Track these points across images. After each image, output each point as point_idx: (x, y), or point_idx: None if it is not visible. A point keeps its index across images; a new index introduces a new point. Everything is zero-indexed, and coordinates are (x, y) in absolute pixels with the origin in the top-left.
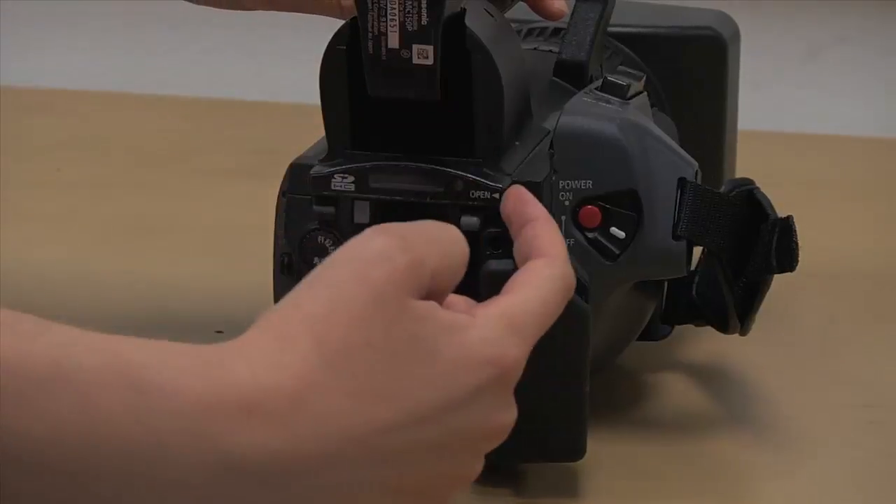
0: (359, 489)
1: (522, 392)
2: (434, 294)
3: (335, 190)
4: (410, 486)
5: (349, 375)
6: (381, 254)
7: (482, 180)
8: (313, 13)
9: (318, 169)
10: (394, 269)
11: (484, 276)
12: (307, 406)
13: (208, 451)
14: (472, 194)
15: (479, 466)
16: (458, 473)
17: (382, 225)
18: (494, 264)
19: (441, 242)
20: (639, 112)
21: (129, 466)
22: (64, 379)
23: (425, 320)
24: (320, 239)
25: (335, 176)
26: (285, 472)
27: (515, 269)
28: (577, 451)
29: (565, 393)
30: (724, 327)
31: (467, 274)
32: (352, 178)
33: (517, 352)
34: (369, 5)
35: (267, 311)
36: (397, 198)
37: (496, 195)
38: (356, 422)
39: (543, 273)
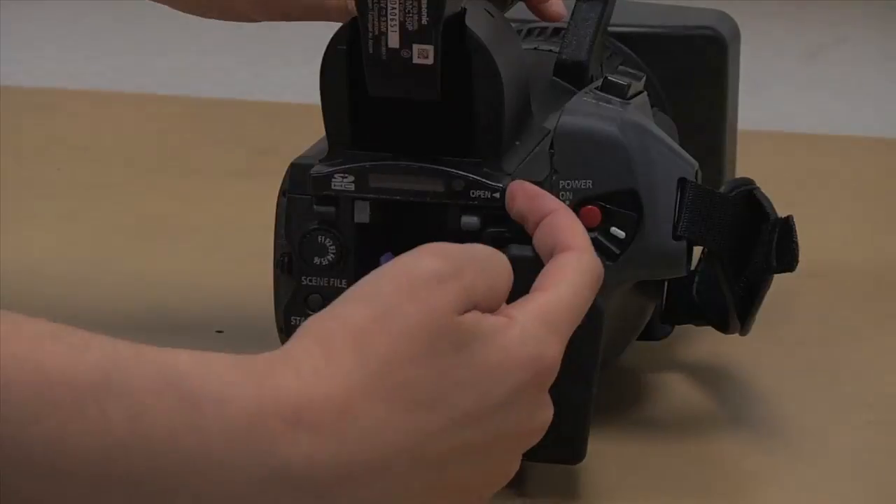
0: (408, 494)
1: None
2: None
3: (335, 190)
4: (453, 487)
5: (394, 387)
6: (434, 275)
7: (482, 180)
8: (324, 20)
9: (318, 169)
10: (445, 293)
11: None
12: (354, 417)
13: (259, 461)
14: (472, 194)
15: (517, 464)
16: (498, 472)
17: (434, 245)
18: (516, 249)
19: (490, 269)
20: (639, 112)
21: (183, 477)
22: (116, 391)
23: (469, 330)
24: (320, 239)
25: (335, 176)
26: (334, 483)
27: (535, 255)
28: (577, 455)
29: (570, 396)
30: (724, 327)
31: None
32: (351, 178)
33: (554, 350)
34: (369, 5)
35: (309, 321)
36: (397, 198)
37: (496, 195)
38: (402, 432)
39: (574, 267)
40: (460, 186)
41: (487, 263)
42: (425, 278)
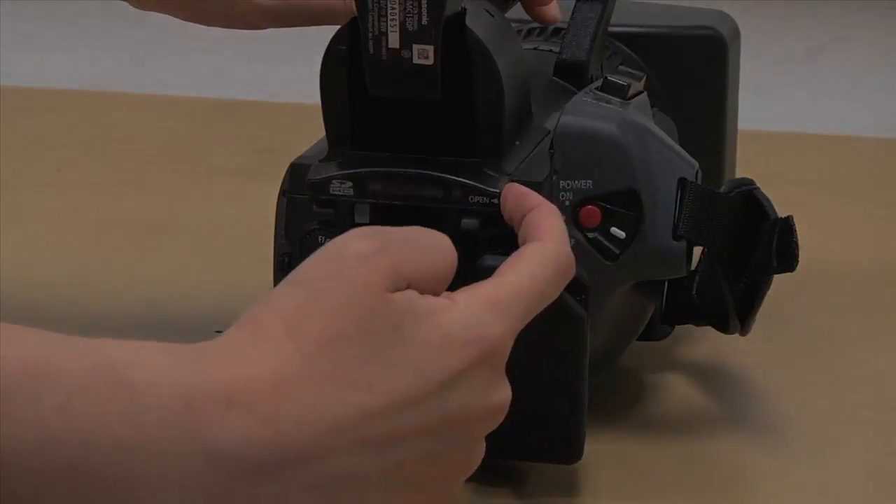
0: (359, 481)
1: (522, 392)
2: None
3: (333, 195)
4: (412, 476)
5: (326, 366)
6: (359, 254)
7: (480, 186)
8: (331, 24)
9: (315, 172)
10: (370, 268)
11: (479, 271)
12: (286, 396)
13: (194, 445)
14: (471, 199)
15: (480, 451)
16: (459, 459)
17: (366, 227)
18: (489, 260)
19: (424, 249)
20: (639, 112)
21: (119, 465)
22: (46, 382)
23: (402, 309)
24: (320, 239)
25: (333, 181)
26: (274, 464)
27: None
28: (573, 454)
29: (564, 395)
30: (724, 327)
31: (469, 275)
32: (350, 184)
33: (500, 328)
34: (370, 5)
35: (244, 313)
36: (396, 202)
37: (494, 200)
38: (338, 410)
39: (534, 255)
40: (458, 192)
41: (424, 245)
42: (351, 257)
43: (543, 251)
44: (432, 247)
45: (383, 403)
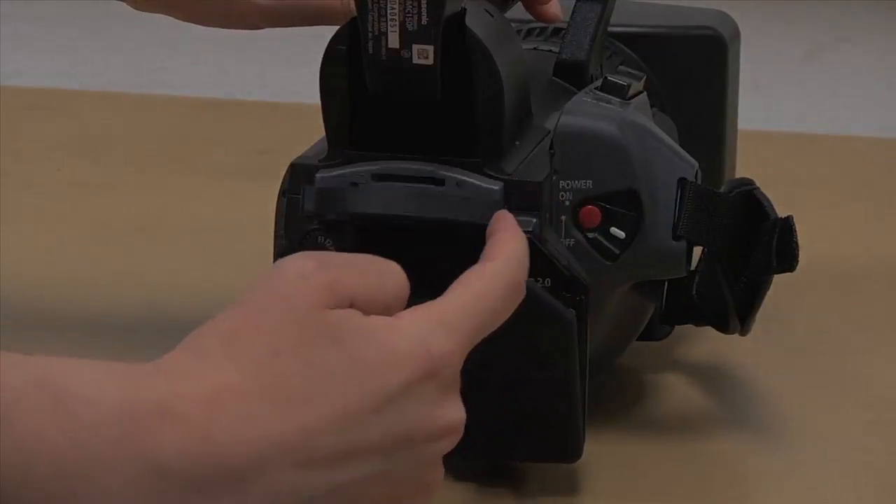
0: (305, 501)
1: (520, 392)
2: None
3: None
4: (363, 497)
5: (264, 382)
6: (297, 272)
7: (480, 185)
8: (330, 24)
9: (324, 180)
10: (307, 287)
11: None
12: (223, 410)
13: (132, 458)
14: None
15: (435, 475)
16: (411, 481)
17: (307, 252)
18: None
19: (368, 271)
20: (639, 112)
21: (60, 480)
22: None
23: (342, 325)
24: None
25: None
26: (213, 478)
27: None
28: (572, 454)
29: (562, 395)
30: (724, 327)
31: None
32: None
33: (446, 344)
34: (369, 5)
35: (188, 336)
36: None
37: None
38: (276, 426)
39: (482, 274)
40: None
41: (368, 268)
42: (290, 276)
43: (493, 269)
44: (378, 270)
45: (324, 418)
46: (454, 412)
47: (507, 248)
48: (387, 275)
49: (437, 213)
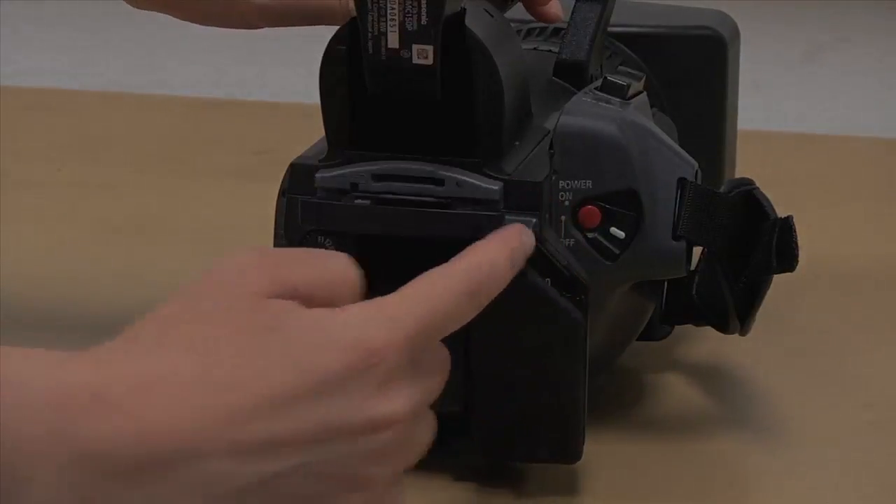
0: (238, 490)
1: (521, 392)
2: None
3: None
4: (296, 493)
5: (196, 368)
6: (238, 264)
7: (480, 185)
8: (329, 24)
9: (325, 180)
10: (247, 277)
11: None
12: (152, 395)
13: (60, 443)
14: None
15: (377, 469)
16: (346, 474)
17: (254, 245)
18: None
19: (312, 265)
20: (639, 112)
21: None
22: None
23: (280, 312)
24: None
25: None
26: (146, 465)
27: None
28: (573, 454)
29: (563, 395)
30: (724, 327)
31: None
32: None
33: (386, 337)
34: (369, 5)
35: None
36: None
37: (494, 198)
38: (207, 411)
39: (442, 271)
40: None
41: (313, 261)
42: (231, 268)
43: (451, 269)
44: (324, 264)
45: (255, 404)
46: (387, 407)
47: (479, 254)
48: (333, 268)
49: (438, 232)
